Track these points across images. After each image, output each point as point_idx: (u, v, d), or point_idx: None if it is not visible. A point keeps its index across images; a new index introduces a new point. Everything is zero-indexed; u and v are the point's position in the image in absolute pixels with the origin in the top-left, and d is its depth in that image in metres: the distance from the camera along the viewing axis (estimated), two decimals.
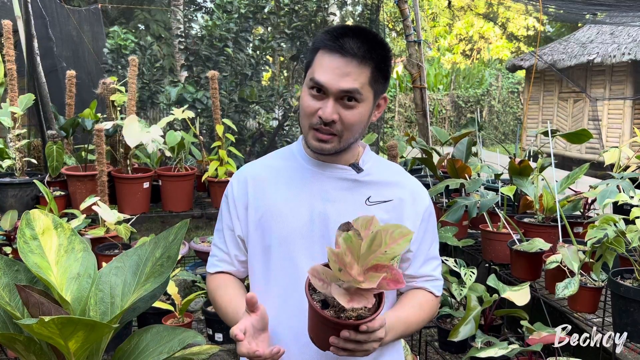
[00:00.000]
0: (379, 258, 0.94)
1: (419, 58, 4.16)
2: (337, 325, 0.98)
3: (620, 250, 1.77)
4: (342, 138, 1.20)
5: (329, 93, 1.16)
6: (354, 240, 0.93)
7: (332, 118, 1.16)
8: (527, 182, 2.41)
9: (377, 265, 0.94)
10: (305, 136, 1.23)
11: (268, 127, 6.02)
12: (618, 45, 10.12)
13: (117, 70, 5.07)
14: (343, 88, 1.15)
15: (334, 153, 1.23)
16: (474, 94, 16.51)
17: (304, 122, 1.22)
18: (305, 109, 1.20)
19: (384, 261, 0.95)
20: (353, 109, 1.18)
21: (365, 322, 0.97)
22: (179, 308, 2.58)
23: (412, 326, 1.26)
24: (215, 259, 1.35)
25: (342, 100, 1.17)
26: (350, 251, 0.94)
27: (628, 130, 10.39)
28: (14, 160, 2.79)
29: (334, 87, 1.16)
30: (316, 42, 1.22)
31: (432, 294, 1.33)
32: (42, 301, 1.36)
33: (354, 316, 0.98)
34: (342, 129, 1.19)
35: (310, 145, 1.22)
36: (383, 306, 1.01)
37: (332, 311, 0.99)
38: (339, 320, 0.97)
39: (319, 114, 1.17)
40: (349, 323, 0.97)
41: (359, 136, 1.25)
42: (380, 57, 1.19)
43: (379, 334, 1.04)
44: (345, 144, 1.22)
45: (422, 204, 1.30)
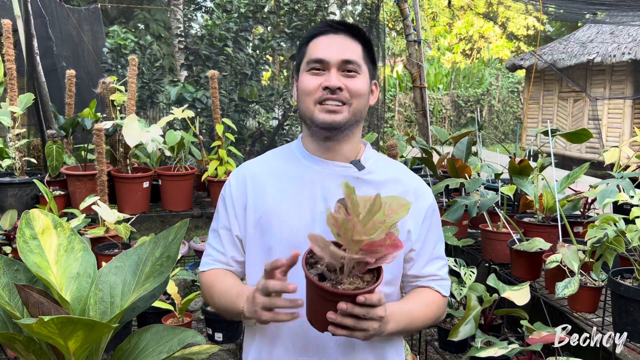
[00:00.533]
0: (377, 227, 0.94)
1: (419, 57, 4.15)
2: (334, 297, 0.96)
3: (620, 249, 1.77)
4: (352, 107, 1.20)
5: (330, 65, 1.19)
6: (353, 203, 0.93)
7: (339, 84, 1.18)
8: (527, 181, 2.41)
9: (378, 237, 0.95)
10: (311, 116, 1.21)
11: (268, 127, 6.02)
12: (618, 44, 10.12)
13: (117, 70, 5.07)
14: (344, 58, 1.19)
15: (344, 129, 1.21)
16: (474, 93, 16.51)
17: (308, 102, 1.20)
18: (307, 87, 1.20)
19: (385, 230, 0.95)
20: (355, 78, 1.21)
21: (363, 293, 0.95)
22: (179, 308, 2.58)
23: (417, 322, 1.22)
24: (210, 259, 1.31)
25: (343, 71, 1.20)
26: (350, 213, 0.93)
27: (628, 130, 10.39)
28: (13, 159, 2.79)
29: (335, 58, 1.19)
30: (307, 34, 1.27)
31: (439, 293, 1.30)
32: (41, 301, 1.36)
33: (351, 288, 0.97)
34: (349, 97, 1.19)
35: (320, 121, 1.19)
36: (381, 279, 0.99)
37: (330, 284, 0.97)
38: (337, 290, 0.95)
39: (323, 84, 1.18)
40: (347, 292, 0.95)
41: (364, 112, 1.25)
42: (366, 39, 1.26)
43: (379, 311, 1.00)
44: (354, 116, 1.21)
45: (425, 201, 1.28)
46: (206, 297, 1.31)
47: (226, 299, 1.22)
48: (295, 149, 1.32)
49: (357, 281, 0.99)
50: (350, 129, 1.23)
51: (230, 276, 1.29)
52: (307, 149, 1.28)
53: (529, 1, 6.19)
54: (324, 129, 1.20)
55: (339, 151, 1.25)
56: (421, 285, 1.30)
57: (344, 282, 0.98)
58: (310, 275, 0.97)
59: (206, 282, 1.30)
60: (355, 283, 0.98)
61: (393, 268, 1.25)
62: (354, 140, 1.27)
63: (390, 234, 0.95)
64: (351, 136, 1.25)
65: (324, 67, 1.19)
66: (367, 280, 0.99)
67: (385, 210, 0.95)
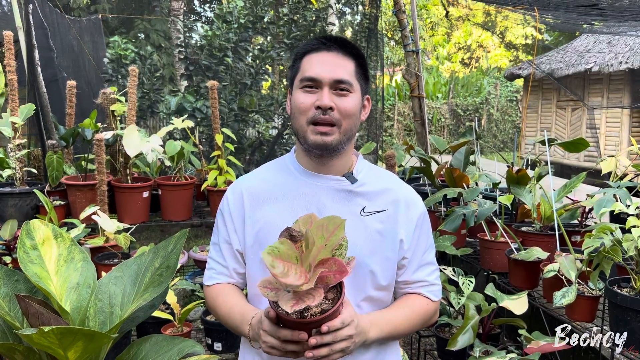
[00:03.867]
0: (322, 253, 0.98)
1: (417, 67, 4.19)
2: (301, 326, 1.00)
3: (617, 259, 1.78)
4: (342, 128, 1.22)
5: (322, 84, 1.21)
6: (281, 249, 0.97)
7: (330, 104, 1.19)
8: (525, 190, 2.43)
9: (322, 260, 0.98)
10: (304, 135, 1.23)
11: (267, 136, 6.03)
12: (615, 54, 10.18)
13: (117, 80, 5.09)
14: (336, 77, 1.21)
15: (335, 149, 1.23)
16: (472, 102, 16.57)
17: (300, 120, 1.23)
18: (300, 105, 1.22)
19: (327, 255, 0.99)
20: (347, 97, 1.22)
21: (326, 316, 1.00)
22: (178, 317, 2.58)
23: (401, 327, 1.25)
24: (213, 272, 1.35)
25: (335, 90, 1.22)
26: (281, 259, 0.96)
27: (626, 138, 10.42)
28: (14, 169, 2.80)
29: (327, 77, 1.21)
30: (300, 50, 1.29)
31: (428, 299, 1.32)
32: (41, 311, 1.37)
33: (318, 312, 1.01)
34: (340, 118, 1.21)
35: (311, 142, 1.22)
36: (344, 294, 1.03)
37: (297, 314, 1.01)
38: (302, 320, 0.99)
39: (315, 104, 1.20)
40: (311, 320, 0.99)
41: (355, 130, 1.27)
42: (359, 55, 1.28)
43: (345, 332, 1.05)
44: (345, 136, 1.23)
45: (415, 211, 1.31)
46: (212, 312, 1.36)
47: (231, 321, 1.27)
48: (290, 163, 1.34)
49: (323, 302, 1.03)
50: (342, 147, 1.26)
51: (232, 294, 1.31)
52: (301, 163, 1.31)
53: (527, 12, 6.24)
54: (316, 149, 1.23)
55: (331, 166, 1.28)
56: (410, 292, 1.33)
57: (310, 307, 1.01)
58: (277, 309, 1.01)
59: (210, 299, 1.34)
60: (321, 305, 1.02)
61: (387, 275, 1.27)
62: (346, 155, 1.30)
63: (335, 258, 0.98)
64: (343, 152, 1.28)
65: (317, 85, 1.22)
66: (331, 298, 1.04)
67: (324, 234, 0.99)
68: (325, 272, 0.97)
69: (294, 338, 1.01)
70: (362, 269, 1.24)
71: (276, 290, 1.00)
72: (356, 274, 1.23)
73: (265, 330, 1.06)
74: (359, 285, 1.24)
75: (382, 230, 1.26)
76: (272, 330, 1.04)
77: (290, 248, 0.98)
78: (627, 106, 10.47)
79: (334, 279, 0.97)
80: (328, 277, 0.97)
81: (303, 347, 1.03)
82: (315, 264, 0.97)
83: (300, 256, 0.98)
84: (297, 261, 0.98)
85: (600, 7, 4.99)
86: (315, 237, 0.98)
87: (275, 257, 0.96)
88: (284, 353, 1.05)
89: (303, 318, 1.00)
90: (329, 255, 0.98)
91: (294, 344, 1.03)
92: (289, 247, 0.98)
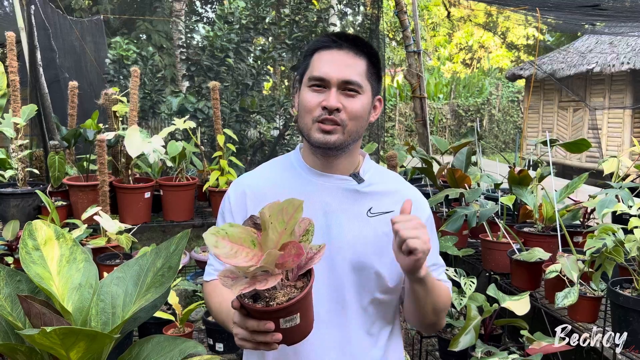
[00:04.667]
0: (284, 238, 0.94)
1: (419, 68, 4.18)
2: (266, 315, 0.96)
3: (619, 259, 1.78)
4: (346, 129, 1.19)
5: (330, 84, 1.18)
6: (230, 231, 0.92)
7: (337, 105, 1.17)
8: (527, 191, 2.42)
9: (283, 244, 0.94)
10: (308, 133, 1.21)
11: (269, 137, 6.04)
12: (617, 54, 10.17)
13: (119, 81, 5.10)
14: (345, 78, 1.18)
15: (339, 148, 1.21)
16: (474, 102, 16.56)
17: (306, 119, 1.21)
18: (307, 104, 1.20)
19: (288, 239, 0.95)
20: (355, 98, 1.20)
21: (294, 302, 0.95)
22: (180, 318, 2.58)
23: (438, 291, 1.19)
24: (212, 269, 1.33)
25: (343, 91, 1.19)
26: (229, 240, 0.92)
27: (628, 139, 10.41)
28: (16, 170, 2.80)
29: (335, 77, 1.18)
30: (311, 46, 1.25)
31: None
32: (43, 311, 1.37)
33: (284, 300, 0.96)
34: (346, 119, 1.19)
35: (314, 140, 1.20)
36: (312, 280, 0.99)
37: (263, 302, 0.97)
38: (267, 308, 0.95)
39: (322, 104, 1.18)
40: (274, 309, 0.95)
41: (361, 132, 1.25)
42: (372, 54, 1.24)
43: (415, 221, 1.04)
44: (349, 137, 1.21)
45: (422, 213, 1.29)
46: (206, 305, 1.34)
47: (219, 316, 1.24)
48: (295, 161, 1.32)
49: (291, 291, 0.99)
50: (347, 147, 1.23)
51: (225, 289, 1.30)
52: (307, 161, 1.29)
53: (528, 12, 6.23)
54: (319, 147, 1.21)
55: (337, 165, 1.26)
56: None
57: (277, 296, 0.98)
58: (244, 300, 0.98)
59: (206, 294, 1.33)
60: (289, 294, 0.98)
61: (394, 277, 1.25)
62: (353, 154, 1.28)
63: (293, 242, 0.94)
64: (349, 152, 1.26)
65: (325, 85, 1.19)
66: (300, 287, 1.00)
67: (283, 217, 0.95)
68: (283, 256, 0.93)
69: (260, 328, 0.97)
70: (367, 271, 1.22)
71: (236, 279, 0.95)
72: (362, 275, 1.22)
73: (235, 322, 1.02)
74: (365, 287, 1.22)
75: (389, 231, 1.23)
76: (241, 321, 1.00)
77: (245, 232, 0.94)
78: (629, 107, 10.46)
79: (292, 262, 0.93)
80: (287, 261, 0.93)
81: (272, 338, 0.98)
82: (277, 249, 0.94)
83: (259, 241, 0.94)
84: (254, 246, 0.94)
85: (602, 7, 4.98)
86: (276, 222, 0.94)
87: (220, 238, 0.91)
88: (255, 345, 1.01)
89: (268, 307, 0.95)
90: (290, 240, 0.95)
91: (262, 334, 0.98)
92: (242, 230, 0.94)
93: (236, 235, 0.93)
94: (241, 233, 0.93)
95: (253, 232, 0.96)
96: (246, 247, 0.93)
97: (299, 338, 1.03)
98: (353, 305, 1.23)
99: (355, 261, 1.22)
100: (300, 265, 0.99)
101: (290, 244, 0.94)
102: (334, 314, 1.21)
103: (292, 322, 0.99)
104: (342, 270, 1.21)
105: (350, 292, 1.22)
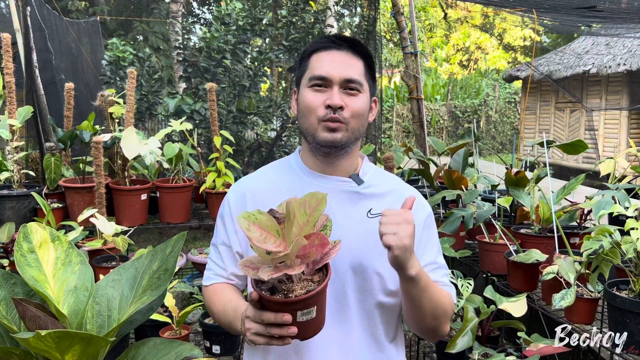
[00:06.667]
0: (305, 230, 0.96)
1: (416, 69, 4.19)
2: (284, 307, 0.96)
3: (615, 261, 1.78)
4: (349, 126, 1.20)
5: (332, 83, 1.19)
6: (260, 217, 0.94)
7: (341, 103, 1.18)
8: (524, 192, 2.43)
9: (306, 235, 0.96)
10: (313, 133, 1.21)
11: (266, 138, 6.03)
12: (613, 56, 10.20)
13: (116, 82, 5.09)
14: (346, 76, 1.20)
15: (343, 147, 1.22)
16: (471, 104, 16.59)
17: (311, 119, 1.21)
18: (310, 104, 1.20)
19: (310, 231, 0.96)
20: (356, 97, 1.21)
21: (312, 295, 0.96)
22: (177, 320, 2.57)
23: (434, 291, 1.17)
24: (212, 273, 1.33)
25: (345, 90, 1.20)
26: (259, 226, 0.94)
27: (624, 140, 10.44)
28: (11, 172, 2.79)
29: (337, 76, 1.19)
30: (309, 48, 1.26)
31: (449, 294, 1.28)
32: (38, 315, 1.36)
33: (303, 293, 0.97)
34: (349, 117, 1.20)
35: (320, 139, 1.20)
36: (329, 275, 1.00)
37: (282, 294, 0.98)
38: (286, 300, 0.95)
39: (326, 103, 1.19)
40: (293, 300, 0.95)
41: (363, 130, 1.26)
42: (368, 55, 1.26)
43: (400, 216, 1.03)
44: (352, 135, 1.22)
45: (422, 212, 1.29)
46: (208, 312, 1.34)
47: (224, 318, 1.23)
48: (294, 163, 1.31)
49: (308, 284, 0.99)
50: (350, 146, 1.24)
51: (228, 291, 1.29)
52: (306, 163, 1.29)
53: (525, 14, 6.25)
54: (325, 146, 1.22)
55: (338, 166, 1.26)
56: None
57: (295, 289, 0.98)
58: (260, 292, 0.98)
59: (207, 298, 1.32)
60: (306, 287, 0.98)
61: (394, 278, 1.24)
62: (353, 156, 1.28)
63: (316, 233, 0.96)
64: (350, 152, 1.26)
65: (327, 84, 1.20)
66: (317, 281, 1.00)
67: (306, 210, 0.96)
68: (307, 246, 0.94)
69: (277, 320, 0.96)
70: (369, 272, 1.21)
71: (257, 269, 0.96)
72: (364, 278, 1.21)
73: (248, 316, 1.01)
74: (368, 289, 1.22)
75: None
76: (255, 315, 0.99)
77: (271, 221, 0.95)
78: (625, 108, 10.49)
79: (316, 252, 0.95)
80: (310, 251, 0.95)
81: (288, 331, 0.97)
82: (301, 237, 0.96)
83: (282, 232, 0.96)
84: (278, 235, 0.95)
85: (599, 9, 5.00)
86: (298, 214, 0.96)
87: (252, 223, 0.93)
88: (269, 339, 1.00)
89: (287, 299, 0.96)
90: (312, 232, 0.96)
91: (278, 327, 0.97)
92: (269, 219, 0.95)
93: (264, 223, 0.95)
94: (268, 221, 0.95)
95: (275, 222, 0.97)
96: (272, 235, 0.95)
97: (313, 333, 1.03)
98: (355, 307, 1.22)
99: (356, 263, 1.21)
100: (316, 260, 0.99)
101: (314, 234, 0.95)
102: (335, 315, 1.21)
103: (309, 315, 0.99)
104: (343, 272, 1.21)
105: (352, 294, 1.22)
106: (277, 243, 0.93)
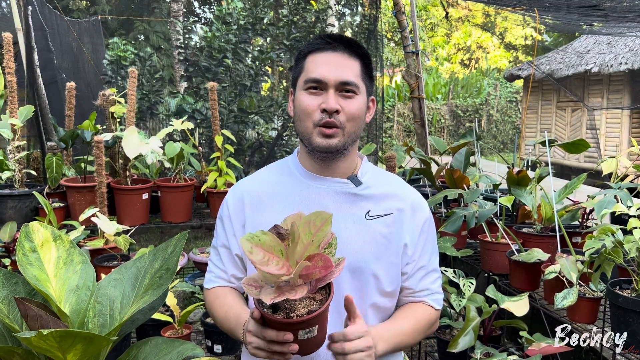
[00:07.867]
0: (309, 250, 0.95)
1: (417, 68, 4.18)
2: (286, 327, 0.97)
3: (618, 260, 1.77)
4: (346, 130, 1.19)
5: (328, 86, 1.18)
6: (263, 238, 0.94)
7: (336, 107, 1.17)
8: (525, 192, 2.42)
9: (309, 256, 0.95)
10: (309, 138, 1.20)
11: (267, 138, 6.03)
12: (615, 55, 10.19)
13: (117, 82, 5.09)
14: (342, 79, 1.18)
15: (339, 152, 1.21)
16: (472, 103, 16.57)
17: (306, 123, 1.20)
18: (306, 108, 1.19)
19: (315, 251, 0.96)
20: (352, 99, 1.20)
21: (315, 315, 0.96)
22: (178, 319, 2.57)
23: (407, 339, 1.22)
24: (213, 275, 1.33)
25: (340, 92, 1.19)
26: (262, 248, 0.93)
27: (626, 139, 10.43)
28: (13, 171, 2.79)
29: (332, 79, 1.18)
30: (304, 49, 1.25)
31: (432, 308, 1.30)
32: (40, 314, 1.36)
33: (305, 312, 0.97)
34: (345, 120, 1.18)
35: (315, 145, 1.19)
36: (332, 295, 1.00)
37: (283, 313, 0.98)
38: (288, 320, 0.96)
39: (322, 107, 1.17)
40: (295, 321, 0.95)
41: (359, 132, 1.25)
42: (364, 55, 1.24)
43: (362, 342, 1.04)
44: (349, 138, 1.21)
45: (421, 215, 1.29)
46: (210, 315, 1.35)
47: (226, 324, 1.24)
48: (292, 165, 1.31)
49: (310, 303, 0.99)
50: (346, 149, 1.23)
51: (230, 296, 1.29)
52: (304, 165, 1.28)
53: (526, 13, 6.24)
54: (321, 151, 1.21)
55: (335, 168, 1.25)
56: (415, 300, 1.30)
57: (297, 307, 0.98)
58: (263, 310, 0.98)
59: (209, 302, 1.33)
60: (309, 306, 0.98)
61: (392, 280, 1.24)
62: (351, 157, 1.27)
63: (320, 255, 0.95)
64: (347, 154, 1.25)
65: (322, 87, 1.18)
66: (319, 300, 1.00)
67: (310, 229, 0.96)
68: (310, 267, 0.94)
69: (278, 339, 0.98)
70: (365, 274, 1.21)
71: (260, 287, 0.96)
72: (360, 279, 1.21)
73: (250, 330, 1.03)
74: (363, 291, 1.22)
75: (387, 234, 1.23)
76: (257, 331, 1.00)
77: (275, 241, 0.95)
78: (627, 107, 10.47)
79: (319, 274, 0.94)
80: (313, 272, 0.94)
81: (289, 349, 0.99)
82: (302, 260, 0.95)
83: (286, 251, 0.95)
84: (282, 255, 0.95)
85: (600, 7, 4.99)
86: (302, 233, 0.95)
87: (254, 245, 0.93)
88: (270, 354, 1.01)
89: (289, 318, 0.96)
90: (317, 252, 0.96)
91: (280, 345, 0.99)
92: (272, 239, 0.95)
93: (267, 244, 0.94)
94: (271, 241, 0.95)
95: (279, 241, 0.97)
96: (276, 256, 0.94)
97: (314, 349, 1.03)
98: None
99: (353, 265, 1.21)
100: (319, 278, 0.99)
101: (317, 255, 0.95)
102: (332, 315, 1.21)
103: (310, 334, 0.99)
104: (341, 273, 1.21)
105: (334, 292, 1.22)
106: (279, 265, 0.93)
